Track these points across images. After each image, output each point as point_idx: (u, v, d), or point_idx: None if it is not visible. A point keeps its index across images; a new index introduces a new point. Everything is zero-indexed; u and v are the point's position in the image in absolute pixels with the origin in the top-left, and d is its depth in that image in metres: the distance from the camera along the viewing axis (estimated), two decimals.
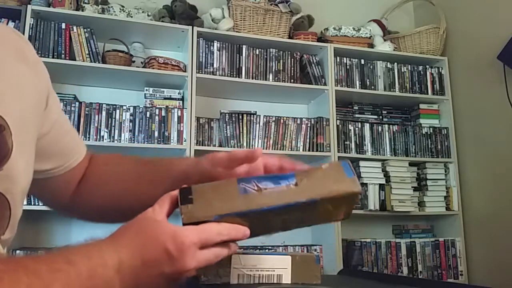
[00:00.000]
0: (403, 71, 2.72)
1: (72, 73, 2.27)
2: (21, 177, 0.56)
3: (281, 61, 2.51)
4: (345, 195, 0.52)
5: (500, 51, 2.30)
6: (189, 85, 2.28)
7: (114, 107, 2.21)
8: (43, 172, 0.65)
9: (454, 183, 2.59)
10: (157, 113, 2.25)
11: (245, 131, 2.37)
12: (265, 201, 0.51)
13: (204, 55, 2.38)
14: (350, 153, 2.49)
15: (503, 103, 2.32)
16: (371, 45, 2.72)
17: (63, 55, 2.17)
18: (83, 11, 2.24)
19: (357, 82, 2.61)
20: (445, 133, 2.69)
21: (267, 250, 2.30)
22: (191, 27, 2.36)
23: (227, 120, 2.36)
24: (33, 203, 1.92)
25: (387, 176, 2.50)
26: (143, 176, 0.71)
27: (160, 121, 2.24)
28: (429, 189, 2.57)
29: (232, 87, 2.48)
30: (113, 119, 2.20)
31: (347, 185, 0.52)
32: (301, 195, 0.52)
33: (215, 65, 2.38)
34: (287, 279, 0.64)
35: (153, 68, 2.28)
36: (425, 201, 2.56)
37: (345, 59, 2.61)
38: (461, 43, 2.71)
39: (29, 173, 0.59)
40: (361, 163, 2.48)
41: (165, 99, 2.35)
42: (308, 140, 2.45)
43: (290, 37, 2.56)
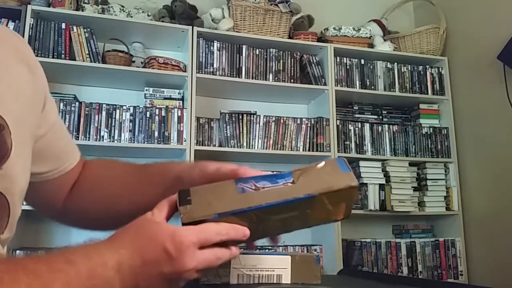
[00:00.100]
0: (403, 71, 2.72)
1: (72, 73, 2.27)
2: (20, 177, 0.56)
3: (281, 61, 2.51)
4: (342, 189, 0.53)
5: (500, 51, 2.30)
6: (189, 85, 2.28)
7: (114, 107, 2.21)
8: (38, 175, 0.65)
9: (454, 183, 2.59)
10: (157, 113, 2.25)
11: (245, 131, 2.37)
12: (263, 199, 0.52)
13: (204, 55, 2.38)
14: (350, 153, 2.49)
15: (503, 103, 2.32)
16: (371, 45, 2.72)
17: (63, 55, 2.17)
18: (83, 11, 2.24)
19: (357, 82, 2.61)
20: (445, 133, 2.69)
21: (267, 250, 2.30)
22: (191, 27, 2.36)
23: (227, 120, 2.35)
24: None
25: (387, 176, 2.50)
26: (136, 180, 0.71)
27: (160, 121, 2.24)
28: (429, 189, 2.57)
29: (232, 87, 2.48)
30: (113, 119, 2.20)
31: (343, 180, 0.53)
32: (298, 191, 0.52)
33: (215, 65, 2.38)
34: (287, 279, 0.64)
35: (153, 68, 2.28)
36: (425, 201, 2.56)
37: (345, 59, 2.61)
38: (461, 43, 2.71)
39: (27, 173, 0.59)
40: (361, 163, 2.47)
41: (165, 99, 2.35)
42: (308, 140, 2.45)
43: (290, 37, 2.56)
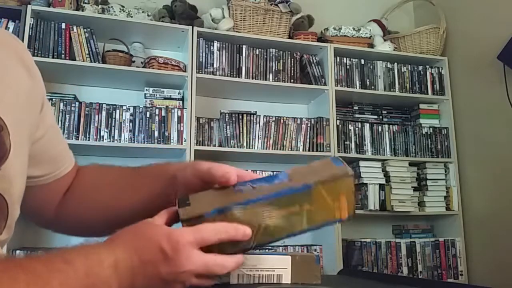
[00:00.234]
0: (403, 71, 2.72)
1: (72, 73, 2.27)
2: (18, 178, 0.56)
3: (281, 61, 2.51)
4: (338, 178, 0.54)
5: (500, 51, 2.30)
6: (189, 85, 2.28)
7: (114, 107, 2.21)
8: (32, 178, 0.64)
9: (454, 183, 2.59)
10: (157, 113, 2.25)
11: (245, 131, 2.37)
12: (261, 192, 0.53)
13: (204, 55, 2.38)
14: (350, 153, 2.49)
15: (503, 103, 2.32)
16: (371, 45, 2.72)
17: (63, 55, 2.17)
18: (83, 11, 2.24)
19: (357, 82, 2.61)
20: (445, 133, 2.69)
21: (267, 250, 2.30)
22: (191, 27, 2.36)
23: (227, 120, 2.35)
24: None
25: (387, 176, 2.50)
26: (130, 184, 0.70)
27: (160, 121, 2.24)
28: (429, 189, 2.57)
29: (232, 87, 2.48)
30: (113, 119, 2.20)
31: (337, 170, 0.55)
32: (295, 184, 0.54)
33: (215, 65, 2.38)
34: (287, 279, 0.64)
35: (153, 68, 2.28)
36: (425, 201, 2.56)
37: (345, 59, 2.61)
38: (461, 43, 2.71)
39: (24, 175, 0.59)
40: (361, 163, 2.47)
41: (165, 99, 2.35)
42: (308, 140, 2.45)
43: (290, 37, 2.56)
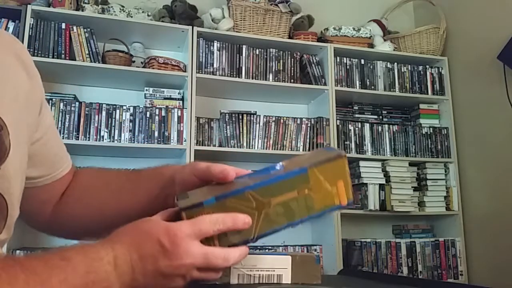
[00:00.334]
0: (403, 71, 2.72)
1: (72, 73, 2.27)
2: (17, 177, 0.56)
3: (281, 61, 2.51)
4: (331, 160, 0.55)
5: (500, 51, 2.30)
6: (189, 85, 2.28)
7: (114, 107, 2.21)
8: (29, 180, 0.64)
9: (454, 183, 2.59)
10: (157, 113, 2.25)
11: (245, 131, 2.37)
12: (258, 179, 0.54)
13: (204, 55, 2.38)
14: (350, 153, 2.49)
15: (503, 103, 2.32)
16: (371, 45, 2.72)
17: (63, 55, 2.17)
18: (83, 11, 2.24)
19: (357, 82, 2.61)
20: (445, 133, 2.69)
21: (267, 250, 2.30)
22: (191, 27, 2.36)
23: (227, 120, 2.35)
24: None
25: (387, 176, 2.50)
26: (127, 186, 0.70)
27: (160, 121, 2.24)
28: (429, 189, 2.57)
29: (232, 87, 2.48)
30: (113, 119, 2.20)
31: (330, 153, 0.56)
32: (290, 169, 0.55)
33: (215, 65, 2.38)
34: (287, 279, 0.64)
35: (153, 68, 2.28)
36: (425, 201, 2.56)
37: (345, 59, 2.61)
38: (461, 43, 2.71)
39: (23, 174, 0.59)
40: (361, 163, 2.47)
41: (165, 99, 2.35)
42: (308, 140, 2.45)
43: (290, 37, 2.56)
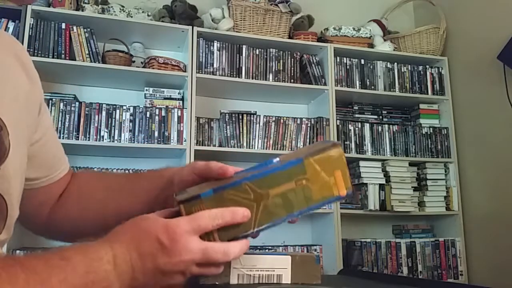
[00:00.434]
0: (403, 71, 2.72)
1: (72, 73, 2.27)
2: (17, 178, 0.56)
3: (281, 61, 2.51)
4: (326, 149, 0.55)
5: (500, 51, 2.30)
6: (189, 85, 2.28)
7: (114, 107, 2.21)
8: (28, 181, 0.64)
9: (454, 183, 2.59)
10: (157, 113, 2.25)
11: (245, 131, 2.37)
12: (255, 172, 0.54)
13: (204, 55, 2.38)
14: (350, 153, 2.49)
15: (503, 103, 2.32)
16: (371, 45, 2.72)
17: (63, 55, 2.17)
18: (83, 11, 2.24)
19: (357, 82, 2.61)
20: (445, 133, 2.69)
21: (267, 250, 2.30)
22: (191, 27, 2.36)
23: (227, 120, 2.35)
24: None
25: (387, 176, 2.50)
26: (125, 188, 0.70)
27: (160, 121, 2.24)
28: (429, 189, 2.57)
29: (232, 87, 2.48)
30: (113, 119, 2.20)
31: (325, 144, 0.56)
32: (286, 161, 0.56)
33: (215, 65, 2.38)
34: (287, 279, 0.64)
35: (153, 68, 2.28)
36: (425, 201, 2.56)
37: (345, 59, 2.61)
38: (461, 43, 2.71)
39: (23, 175, 0.59)
40: (361, 163, 2.47)
41: (165, 99, 2.35)
42: (308, 140, 2.45)
43: (290, 37, 2.56)
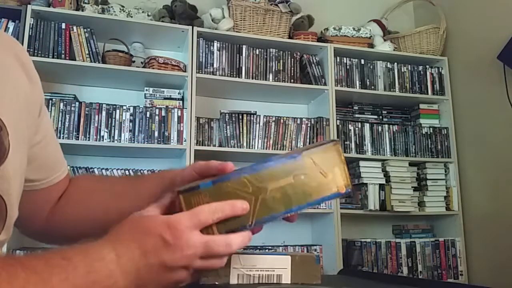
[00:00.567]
0: (403, 71, 2.72)
1: (72, 73, 2.28)
2: (17, 178, 0.56)
3: (281, 61, 2.51)
4: (325, 147, 0.56)
5: (500, 51, 2.30)
6: (189, 85, 2.28)
7: (114, 107, 2.21)
8: (27, 183, 0.64)
9: (454, 183, 2.59)
10: (157, 113, 2.25)
11: (245, 131, 2.37)
12: (255, 166, 0.54)
13: (204, 55, 2.38)
14: (350, 153, 2.49)
15: (503, 103, 2.32)
16: (371, 45, 2.72)
17: (63, 55, 2.17)
18: (83, 11, 2.24)
19: (357, 82, 2.61)
20: (445, 133, 2.69)
21: (267, 250, 2.30)
22: (191, 27, 2.36)
23: (227, 120, 2.35)
24: None
25: (387, 176, 2.50)
26: (127, 190, 0.70)
27: (160, 121, 2.24)
28: (429, 189, 2.57)
29: (232, 87, 2.48)
30: (113, 119, 2.20)
31: (324, 141, 0.57)
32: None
33: (215, 65, 2.38)
34: (287, 279, 0.64)
35: (153, 68, 2.28)
36: (425, 201, 2.56)
37: (345, 59, 2.61)
38: (461, 43, 2.71)
39: (23, 175, 0.59)
40: (361, 163, 2.47)
41: (165, 99, 2.35)
42: (308, 140, 2.45)
43: (290, 37, 2.56)
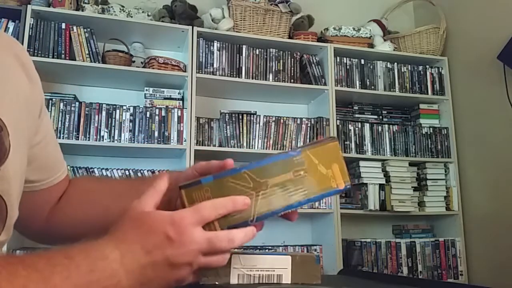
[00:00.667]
0: (403, 71, 2.72)
1: (72, 73, 2.27)
2: (17, 179, 0.56)
3: (281, 61, 2.51)
4: (323, 142, 0.57)
5: (500, 51, 2.30)
6: (189, 85, 2.28)
7: (114, 107, 2.21)
8: (26, 183, 0.63)
9: (454, 183, 2.59)
10: (157, 113, 2.25)
11: (245, 131, 2.37)
12: (255, 162, 0.55)
13: (204, 55, 2.38)
14: (350, 153, 2.49)
15: (503, 103, 2.32)
16: (371, 45, 2.72)
17: (63, 55, 2.17)
18: (83, 11, 2.24)
19: (357, 82, 2.61)
20: (445, 133, 2.69)
21: (267, 250, 2.30)
22: (191, 27, 2.36)
23: (227, 120, 2.35)
24: None
25: (387, 176, 2.50)
26: (132, 189, 0.70)
27: (160, 121, 2.24)
28: (429, 189, 2.57)
29: (232, 87, 2.48)
30: (113, 119, 2.20)
31: (323, 139, 0.58)
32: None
33: (215, 65, 2.38)
34: (287, 279, 0.64)
35: (153, 68, 2.28)
36: (425, 201, 2.56)
37: (345, 59, 2.61)
38: (461, 43, 2.71)
39: (23, 176, 0.59)
40: (361, 163, 2.47)
41: (165, 99, 2.35)
42: (308, 140, 2.45)
43: (290, 37, 2.56)
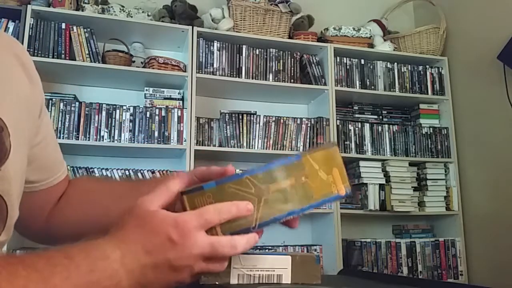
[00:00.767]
0: (403, 71, 2.72)
1: (72, 73, 2.27)
2: (17, 179, 0.56)
3: (281, 61, 2.51)
4: (323, 148, 0.57)
5: (500, 51, 2.30)
6: (189, 85, 2.28)
7: (114, 107, 2.21)
8: (27, 184, 0.63)
9: (454, 183, 2.59)
10: (157, 113, 2.25)
11: (245, 131, 2.37)
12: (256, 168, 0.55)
13: (204, 55, 2.38)
14: (350, 153, 2.49)
15: (503, 103, 2.32)
16: (371, 45, 2.72)
17: (63, 55, 2.17)
18: (83, 11, 2.24)
19: (357, 82, 2.61)
20: (445, 133, 2.69)
21: (267, 250, 2.30)
22: (191, 27, 2.36)
23: (227, 120, 2.36)
24: None
25: (387, 176, 2.50)
26: (132, 190, 0.70)
27: (160, 121, 2.24)
28: (429, 189, 2.57)
29: (232, 87, 2.48)
30: (113, 119, 2.20)
31: (324, 144, 0.58)
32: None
33: (215, 65, 2.38)
34: (287, 279, 0.64)
35: (153, 68, 2.28)
36: (425, 201, 2.56)
37: (345, 59, 2.61)
38: (461, 43, 2.71)
39: (23, 176, 0.59)
40: (361, 163, 2.47)
41: (165, 99, 2.35)
42: (308, 140, 2.45)
43: (290, 37, 2.56)
